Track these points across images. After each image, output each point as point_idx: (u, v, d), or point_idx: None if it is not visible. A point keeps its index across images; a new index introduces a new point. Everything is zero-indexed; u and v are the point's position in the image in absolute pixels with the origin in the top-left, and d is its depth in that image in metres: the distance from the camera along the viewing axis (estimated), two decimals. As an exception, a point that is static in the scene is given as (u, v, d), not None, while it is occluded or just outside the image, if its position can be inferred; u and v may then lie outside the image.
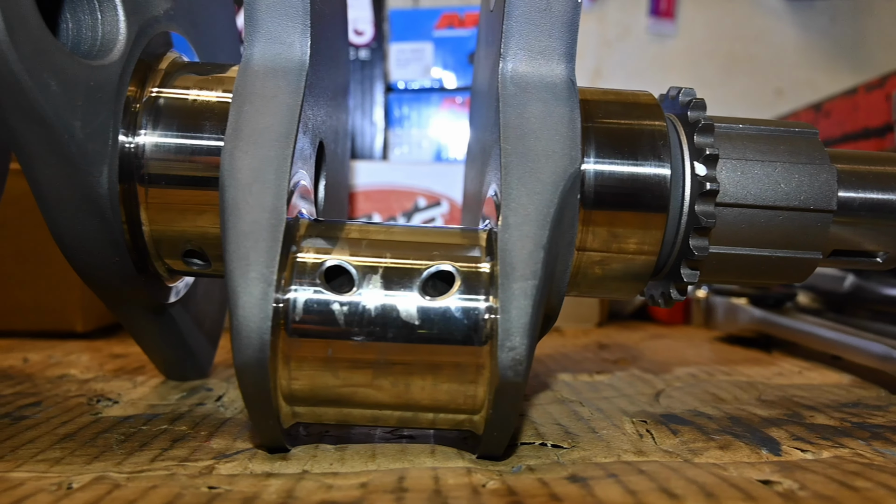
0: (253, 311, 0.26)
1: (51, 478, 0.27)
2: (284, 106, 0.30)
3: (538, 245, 0.28)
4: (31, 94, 0.26)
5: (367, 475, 0.27)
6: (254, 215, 0.28)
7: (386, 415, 0.29)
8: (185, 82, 0.33)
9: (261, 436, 0.30)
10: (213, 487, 0.26)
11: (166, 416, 0.36)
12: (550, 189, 0.29)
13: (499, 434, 0.29)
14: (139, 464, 0.29)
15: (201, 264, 0.34)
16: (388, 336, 0.28)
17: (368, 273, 0.28)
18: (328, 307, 0.27)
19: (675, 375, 0.47)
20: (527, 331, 0.26)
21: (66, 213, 0.29)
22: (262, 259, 0.27)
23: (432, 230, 0.31)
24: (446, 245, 0.30)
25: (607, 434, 0.33)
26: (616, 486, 0.25)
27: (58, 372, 0.48)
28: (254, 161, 0.29)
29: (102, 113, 0.29)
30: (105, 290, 0.34)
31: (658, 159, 0.33)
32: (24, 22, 0.25)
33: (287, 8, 0.31)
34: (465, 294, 0.28)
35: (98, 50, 0.31)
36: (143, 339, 0.39)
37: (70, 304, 0.63)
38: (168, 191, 0.32)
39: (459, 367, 0.28)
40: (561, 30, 0.32)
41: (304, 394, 0.28)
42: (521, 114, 0.31)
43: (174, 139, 0.31)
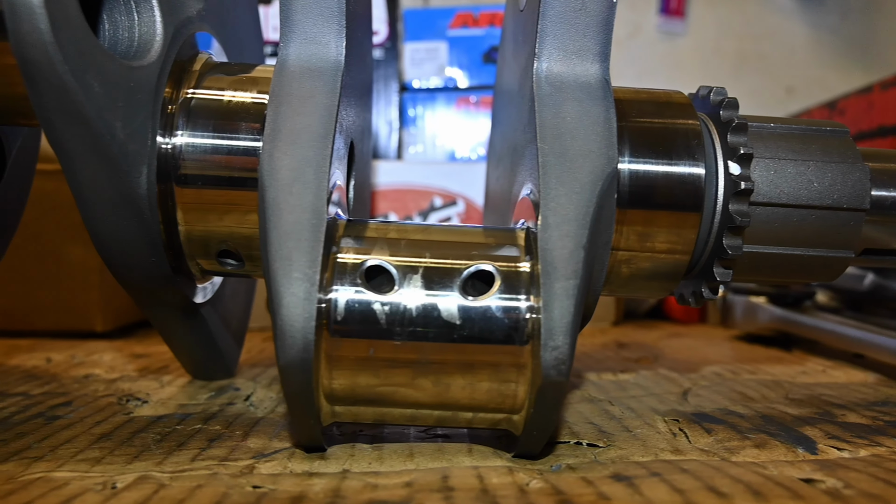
0: (297, 311, 0.26)
1: (94, 477, 0.27)
2: (322, 106, 0.31)
3: (579, 245, 0.28)
4: (75, 95, 0.26)
5: (408, 474, 0.27)
6: (295, 215, 0.28)
7: (424, 414, 0.29)
8: (219, 83, 0.33)
9: (300, 435, 0.30)
10: (258, 487, 0.26)
11: (198, 415, 0.36)
12: (589, 189, 0.29)
13: (538, 433, 0.29)
14: (180, 463, 0.29)
15: (235, 264, 0.34)
16: (430, 336, 0.28)
17: (409, 273, 0.28)
18: (370, 307, 0.27)
19: (700, 374, 0.47)
20: (569, 330, 0.26)
21: (106, 214, 0.29)
22: (305, 259, 0.27)
23: (468, 229, 0.31)
24: (484, 244, 0.30)
25: (642, 433, 0.33)
26: (662, 484, 0.25)
27: (82, 372, 0.48)
28: (293, 161, 0.29)
29: (141, 114, 0.29)
30: (139, 291, 0.34)
31: (692, 158, 0.33)
32: (68, 22, 0.25)
33: (323, 8, 0.32)
34: (505, 294, 0.28)
35: (135, 51, 0.31)
36: (174, 339, 0.39)
37: (90, 304, 0.63)
38: (204, 191, 0.32)
39: (500, 367, 0.28)
40: (596, 29, 0.32)
41: (344, 393, 0.28)
42: (557, 113, 0.31)
43: (210, 140, 0.32)
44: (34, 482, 0.26)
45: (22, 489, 0.25)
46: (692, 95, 0.37)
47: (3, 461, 0.29)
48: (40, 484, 0.26)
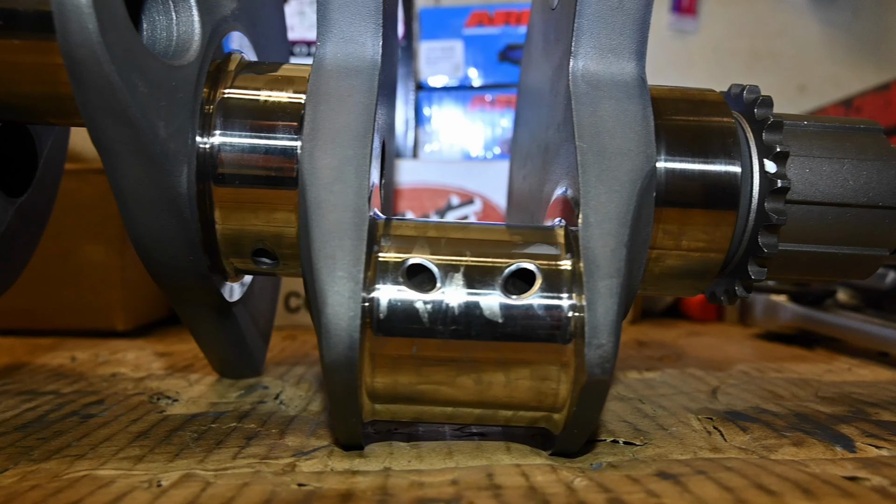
0: (342, 310, 0.26)
1: (138, 475, 0.27)
2: (360, 105, 0.31)
3: (620, 243, 0.28)
4: (121, 95, 0.26)
5: (451, 472, 0.27)
6: (337, 214, 0.28)
7: (464, 412, 0.29)
8: (254, 82, 0.33)
9: (340, 433, 0.30)
10: (303, 485, 0.26)
11: (232, 414, 0.36)
12: (629, 187, 0.29)
13: (579, 432, 0.29)
14: (221, 461, 0.29)
15: (269, 263, 0.34)
16: (472, 334, 0.28)
17: (450, 271, 0.28)
18: (412, 305, 0.28)
19: (726, 373, 0.47)
20: (613, 328, 0.27)
21: (147, 213, 0.29)
22: (349, 258, 0.27)
23: (505, 227, 0.31)
24: (522, 242, 0.30)
25: (677, 431, 0.33)
26: (709, 482, 0.25)
27: (109, 370, 0.48)
28: (333, 160, 0.29)
29: (182, 113, 0.29)
30: (175, 290, 0.34)
31: (728, 157, 0.33)
32: (115, 23, 0.25)
33: (360, 7, 0.32)
34: (546, 292, 0.28)
35: (174, 51, 0.31)
36: (205, 338, 0.39)
37: (111, 303, 0.63)
38: (241, 190, 0.32)
39: (543, 365, 0.28)
40: (632, 27, 0.32)
41: (385, 391, 0.28)
42: (594, 112, 0.31)
43: (248, 139, 0.32)
44: (80, 480, 0.26)
45: (69, 487, 0.26)
46: (723, 94, 0.37)
47: (46, 459, 0.29)
48: (87, 482, 0.26)
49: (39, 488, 0.26)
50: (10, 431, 0.33)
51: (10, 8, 0.25)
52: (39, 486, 0.26)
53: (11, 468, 0.28)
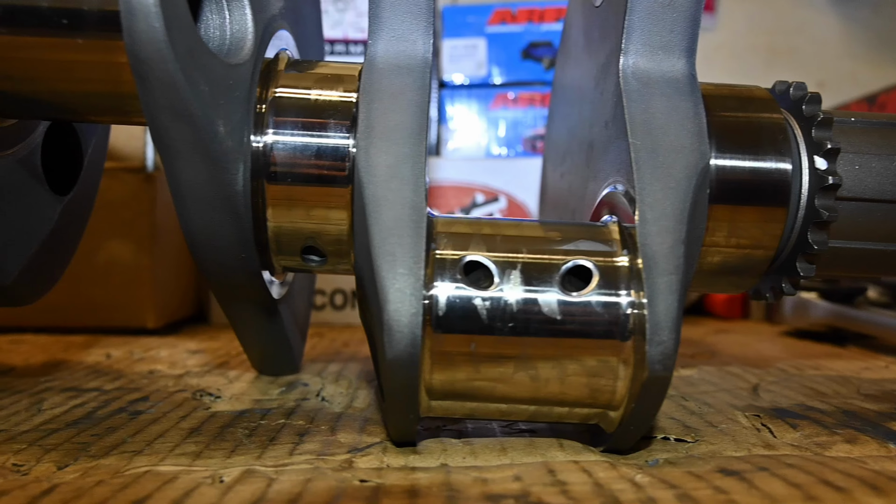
0: (403, 307, 0.26)
1: (199, 471, 0.27)
2: (413, 103, 0.31)
3: (678, 240, 0.28)
4: (184, 94, 0.26)
5: (509, 468, 0.27)
6: (395, 211, 0.28)
7: (519, 409, 0.29)
8: (304, 81, 0.33)
9: (396, 430, 0.30)
10: (364, 481, 0.26)
11: (278, 410, 0.37)
12: (684, 184, 0.29)
13: (635, 429, 0.29)
14: (278, 457, 0.29)
15: (318, 260, 0.35)
16: (530, 331, 0.28)
17: (507, 268, 0.28)
18: (471, 302, 0.28)
19: (764, 370, 0.47)
20: (674, 325, 0.27)
21: (204, 211, 0.29)
22: (409, 255, 0.27)
23: (558, 225, 0.31)
24: (576, 239, 0.30)
25: (727, 428, 0.33)
26: (774, 479, 0.25)
27: (145, 367, 0.49)
28: (389, 158, 0.29)
29: (239, 112, 0.29)
30: (225, 287, 0.34)
31: (779, 153, 0.33)
32: (179, 22, 0.26)
33: (411, 5, 0.32)
34: (604, 289, 0.28)
35: (227, 49, 0.31)
36: (249, 334, 0.39)
37: (141, 301, 0.63)
38: (293, 188, 0.32)
39: (601, 362, 0.28)
40: (683, 24, 0.32)
41: (443, 388, 0.28)
42: (646, 109, 0.31)
43: (300, 138, 0.32)
44: (143, 476, 0.27)
45: (134, 483, 0.26)
46: (769, 91, 0.37)
47: (104, 455, 0.29)
48: (150, 478, 0.26)
49: (104, 484, 0.26)
50: (62, 428, 0.33)
51: (75, 8, 0.25)
52: (104, 482, 0.26)
53: (72, 464, 0.28)
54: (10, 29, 0.26)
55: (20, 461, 0.29)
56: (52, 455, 0.29)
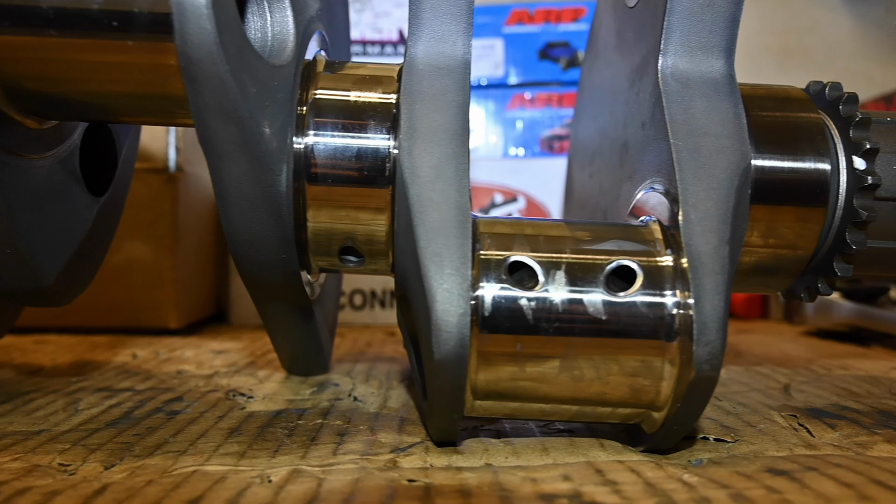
0: (452, 307, 0.26)
1: (246, 471, 0.27)
2: (454, 104, 0.31)
3: (722, 240, 0.28)
4: (233, 95, 0.26)
5: (555, 468, 0.27)
6: (440, 212, 0.28)
7: (561, 409, 0.30)
8: (343, 82, 0.33)
9: (438, 430, 0.30)
10: (413, 480, 0.26)
11: (313, 411, 0.37)
12: (727, 185, 0.29)
13: (679, 429, 0.29)
14: (323, 457, 0.29)
15: (356, 261, 0.35)
16: (575, 331, 0.28)
17: (552, 269, 0.28)
18: (516, 303, 0.28)
19: (792, 370, 0.47)
20: (721, 325, 0.27)
21: (247, 212, 0.30)
22: (456, 255, 0.27)
23: (598, 225, 0.31)
24: (618, 239, 0.30)
25: (765, 428, 0.33)
26: (824, 479, 0.25)
27: (172, 368, 0.49)
28: (433, 159, 0.29)
29: (283, 113, 0.30)
30: (263, 287, 0.34)
31: (817, 153, 0.33)
32: (229, 24, 0.26)
33: (451, 7, 0.32)
34: (649, 289, 0.28)
35: (269, 51, 0.31)
36: (283, 335, 0.39)
37: (164, 301, 0.63)
38: (333, 189, 0.32)
39: (646, 363, 0.28)
40: (723, 25, 0.32)
41: (487, 388, 0.29)
42: (686, 109, 0.31)
43: (340, 139, 0.32)
44: (192, 476, 0.27)
45: (185, 482, 0.26)
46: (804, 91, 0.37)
47: (149, 455, 0.29)
48: (199, 477, 0.27)
49: (155, 484, 0.26)
50: (102, 428, 0.33)
51: (126, 10, 0.26)
52: (153, 481, 0.26)
53: (118, 464, 0.28)
54: (60, 31, 0.26)
55: (66, 461, 0.29)
56: (97, 455, 0.29)
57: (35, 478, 0.27)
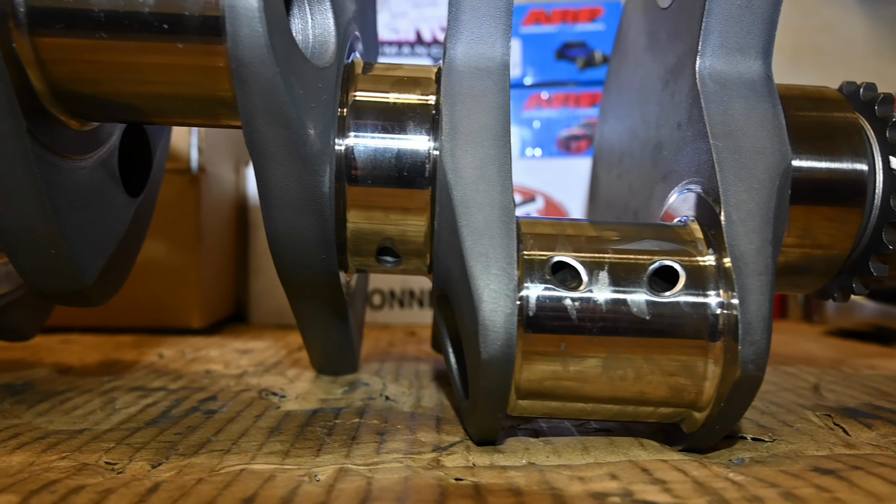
0: (499, 307, 0.27)
1: (293, 470, 0.28)
2: (495, 105, 0.31)
3: (765, 240, 0.28)
4: (281, 97, 0.26)
5: (599, 467, 0.28)
6: (485, 213, 0.28)
7: (603, 409, 0.30)
8: (381, 84, 0.33)
9: (480, 429, 0.30)
10: (460, 479, 0.26)
11: (349, 410, 0.37)
12: (768, 185, 0.29)
13: (721, 428, 0.29)
14: (366, 456, 0.29)
15: (393, 261, 0.35)
16: (619, 331, 0.28)
17: (595, 269, 0.29)
18: (561, 303, 0.28)
19: (820, 370, 0.47)
20: (766, 325, 0.27)
21: (290, 212, 0.30)
22: (502, 256, 0.27)
23: (639, 225, 0.32)
24: (659, 239, 0.30)
25: (802, 427, 0.33)
26: (871, 478, 0.25)
27: (200, 367, 0.49)
28: (475, 159, 0.30)
29: (327, 115, 0.30)
30: (300, 287, 0.34)
31: (854, 154, 0.33)
32: (280, 27, 0.26)
33: (491, 8, 0.32)
34: (691, 289, 0.28)
35: (311, 53, 0.31)
36: (317, 334, 0.40)
37: (187, 301, 0.64)
38: (373, 189, 0.32)
39: (689, 363, 0.28)
40: (761, 26, 0.32)
41: (530, 387, 0.29)
42: (725, 111, 0.31)
43: (380, 140, 0.32)
44: (241, 474, 0.27)
45: (235, 481, 0.26)
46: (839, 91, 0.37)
47: (193, 454, 0.30)
48: (248, 476, 0.27)
49: (206, 482, 0.26)
50: (142, 427, 0.34)
51: (176, 13, 0.26)
52: (203, 479, 0.26)
53: (164, 462, 0.29)
54: (111, 34, 0.26)
55: (112, 459, 0.29)
56: (143, 454, 0.30)
57: (85, 476, 0.27)
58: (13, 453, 0.30)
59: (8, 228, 0.30)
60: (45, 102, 0.28)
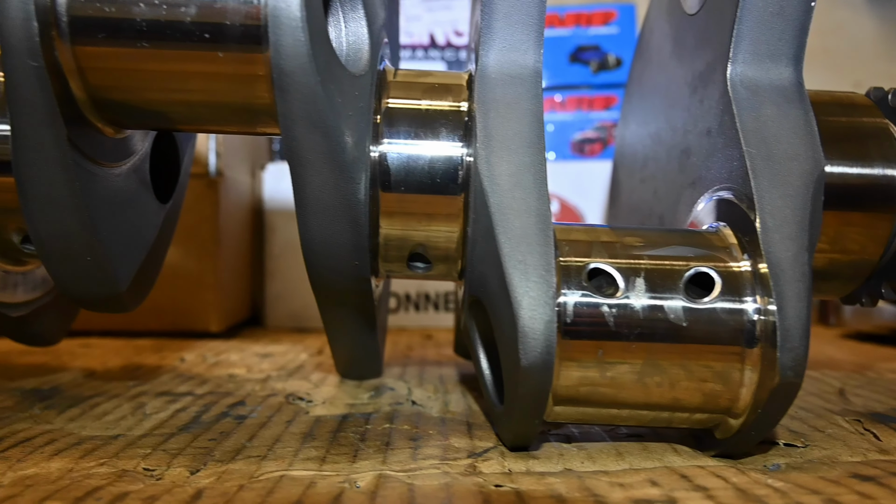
0: (538, 314, 0.27)
1: (332, 476, 0.28)
2: (528, 112, 0.31)
3: (801, 247, 0.28)
4: (322, 106, 0.27)
5: (636, 473, 0.28)
6: (522, 220, 0.29)
7: (639, 415, 0.30)
8: (412, 91, 0.34)
9: (515, 435, 0.30)
10: (499, 486, 0.27)
11: (379, 415, 0.37)
12: (802, 192, 0.30)
13: (757, 434, 0.29)
14: (403, 462, 0.29)
15: (423, 267, 0.35)
16: (656, 339, 0.28)
17: (631, 276, 0.29)
18: (598, 309, 0.28)
19: (843, 373, 0.47)
20: (804, 332, 0.27)
21: (326, 219, 0.30)
22: (541, 263, 0.28)
23: (671, 232, 0.32)
24: (693, 246, 0.30)
25: (834, 432, 0.33)
26: (913, 484, 0.25)
27: (223, 371, 0.49)
28: (511, 167, 0.30)
29: (363, 122, 0.30)
30: (331, 292, 0.34)
31: (885, 159, 0.33)
32: (320, 36, 0.26)
33: (524, 16, 0.32)
34: (727, 295, 0.28)
35: (345, 60, 0.31)
36: (345, 339, 0.40)
37: (205, 305, 0.64)
38: (406, 196, 0.32)
39: (726, 369, 0.28)
40: (792, 33, 0.32)
41: (567, 394, 0.29)
42: (757, 117, 0.31)
43: (413, 147, 0.32)
44: (281, 480, 0.27)
45: (277, 487, 0.26)
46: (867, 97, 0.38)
47: (230, 460, 0.30)
48: (289, 482, 0.27)
49: (247, 489, 0.26)
50: (175, 432, 0.34)
51: (218, 22, 0.26)
52: (245, 486, 0.27)
53: (202, 469, 0.29)
54: (152, 43, 0.26)
55: (150, 465, 0.29)
56: (180, 460, 0.30)
57: (126, 483, 0.27)
58: (51, 459, 0.30)
59: (45, 236, 0.30)
60: (85, 110, 0.29)
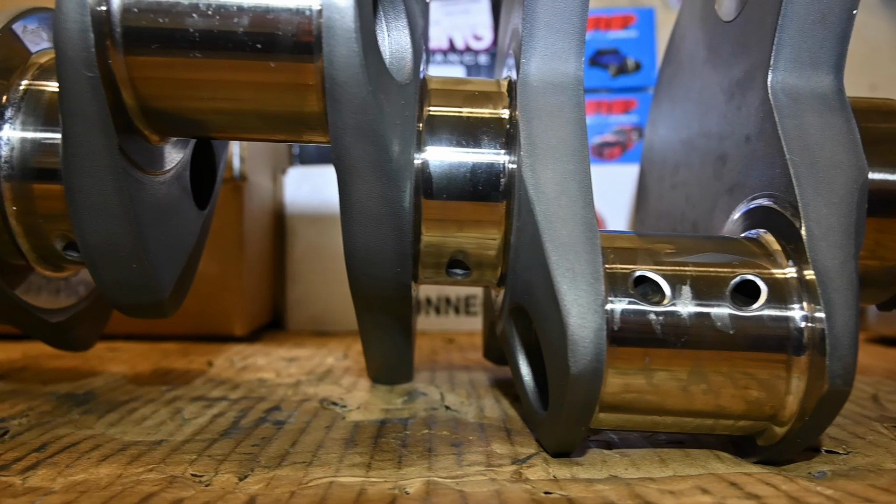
0: (587, 322, 0.27)
1: (380, 483, 0.28)
2: (571, 120, 0.31)
3: (848, 255, 0.28)
4: (372, 114, 0.27)
5: (683, 480, 0.28)
6: (569, 228, 0.29)
7: (684, 422, 0.30)
8: (453, 99, 0.34)
9: (559, 442, 0.30)
10: (549, 493, 0.27)
11: (416, 421, 0.37)
12: (847, 200, 0.30)
13: (802, 441, 0.29)
14: (448, 468, 0.30)
15: (462, 274, 0.35)
16: (703, 346, 0.28)
17: (677, 283, 0.29)
18: (645, 317, 0.28)
19: (873, 379, 0.47)
20: (853, 340, 0.27)
21: (371, 227, 0.30)
22: (589, 271, 0.28)
23: (713, 239, 0.32)
24: (737, 253, 0.30)
25: (874, 439, 0.33)
26: (965, 493, 0.25)
27: (253, 376, 0.49)
28: (556, 175, 0.30)
29: (409, 131, 0.30)
30: (371, 299, 0.35)
31: (925, 167, 0.33)
32: (371, 45, 0.26)
33: (566, 24, 0.32)
34: (774, 303, 0.28)
35: (389, 69, 0.32)
36: (381, 345, 0.40)
37: (229, 309, 0.64)
38: (448, 203, 0.32)
39: (773, 377, 0.28)
40: (833, 41, 0.32)
41: (613, 401, 0.29)
42: (799, 125, 0.32)
43: (455, 155, 0.32)
44: (331, 487, 0.27)
45: (329, 495, 0.26)
46: None
47: (277, 466, 0.30)
48: (340, 489, 0.27)
49: (299, 495, 0.26)
50: (217, 438, 0.34)
51: (270, 32, 0.26)
52: (296, 493, 0.27)
53: (250, 475, 0.29)
54: (205, 53, 0.27)
55: (198, 472, 0.29)
56: (227, 466, 0.30)
57: (178, 489, 0.27)
58: (99, 465, 0.30)
59: (93, 243, 0.30)
60: (135, 119, 0.29)
